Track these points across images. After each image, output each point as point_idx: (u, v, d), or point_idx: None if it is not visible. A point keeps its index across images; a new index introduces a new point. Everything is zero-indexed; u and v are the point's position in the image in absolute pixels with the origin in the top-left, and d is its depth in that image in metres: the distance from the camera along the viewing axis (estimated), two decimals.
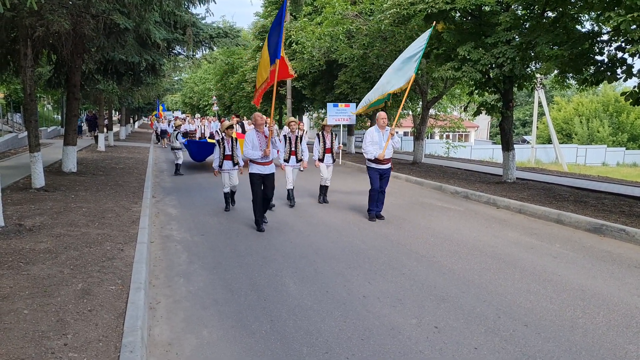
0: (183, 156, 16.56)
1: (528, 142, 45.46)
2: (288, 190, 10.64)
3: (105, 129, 24.46)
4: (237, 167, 10.04)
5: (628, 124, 49.14)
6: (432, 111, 24.64)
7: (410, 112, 28.15)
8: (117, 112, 42.71)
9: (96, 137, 24.13)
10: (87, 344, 3.80)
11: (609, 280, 6.02)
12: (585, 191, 12.47)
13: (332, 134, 10.98)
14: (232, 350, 4.12)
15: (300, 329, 4.49)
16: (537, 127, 42.25)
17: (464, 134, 53.27)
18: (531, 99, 51.35)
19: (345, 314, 4.85)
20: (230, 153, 9.90)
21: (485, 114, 14.08)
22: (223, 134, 10.26)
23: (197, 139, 21.35)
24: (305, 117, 38.66)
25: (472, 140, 53.41)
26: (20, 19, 9.39)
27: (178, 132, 16.83)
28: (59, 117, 39.12)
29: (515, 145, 13.88)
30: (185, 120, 26.50)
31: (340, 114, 19.61)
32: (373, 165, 9.21)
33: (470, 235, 8.18)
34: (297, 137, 10.49)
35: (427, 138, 22.05)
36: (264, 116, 11.50)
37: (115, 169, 15.47)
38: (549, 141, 41.97)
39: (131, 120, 48.32)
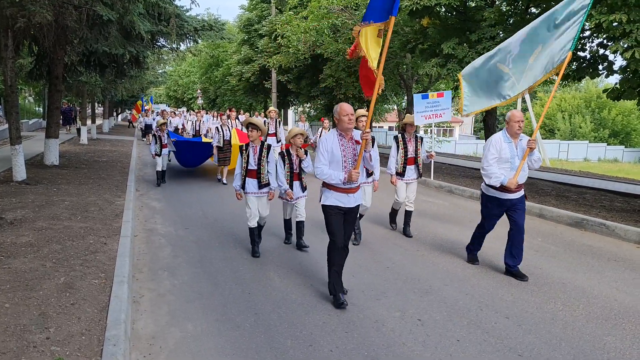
0: (167, 160, 13.03)
1: None
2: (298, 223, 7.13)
3: (80, 122, 24.03)
4: (267, 189, 6.67)
5: (609, 120, 49.77)
6: None
7: (395, 107, 28.27)
8: (99, 105, 42.18)
9: (78, 130, 23.85)
10: (69, 338, 3.78)
11: (589, 273, 6.12)
12: (567, 186, 12.63)
13: (416, 137, 7.80)
14: (217, 343, 4.12)
15: (284, 322, 4.51)
16: None
17: (448, 129, 53.68)
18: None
19: (329, 307, 4.87)
20: (255, 168, 6.54)
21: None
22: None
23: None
24: (290, 111, 38.57)
25: (456, 135, 53.81)
26: (0, 10, 9.23)
27: (159, 134, 12.29)
28: (41, 109, 38.58)
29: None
30: (174, 114, 24.78)
31: (432, 108, 12.86)
32: (495, 193, 5.99)
33: (453, 229, 8.25)
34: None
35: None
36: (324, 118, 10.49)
37: (98, 162, 15.32)
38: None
39: (114, 114, 47.79)
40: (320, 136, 11.98)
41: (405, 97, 21.29)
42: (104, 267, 5.44)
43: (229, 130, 12.56)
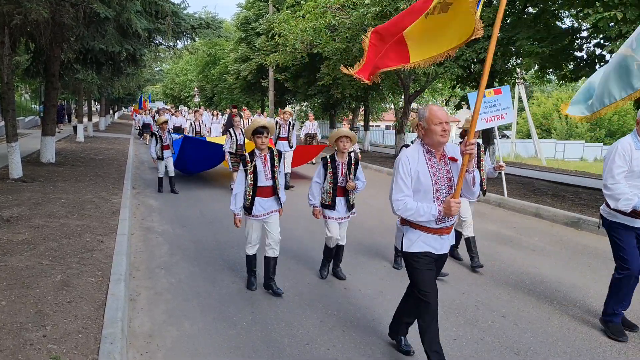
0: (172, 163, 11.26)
1: (508, 137, 45.90)
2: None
3: (76, 119, 23.88)
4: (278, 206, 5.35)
5: (605, 120, 49.87)
6: (414, 105, 24.78)
7: (392, 106, 28.28)
8: (96, 103, 42.07)
9: (75, 128, 23.76)
10: (66, 336, 3.77)
11: (585, 272, 6.15)
12: (564, 186, 12.67)
13: (478, 145, 5.80)
14: (214, 341, 4.12)
15: (281, 321, 4.51)
16: (517, 122, 42.70)
17: None
18: (511, 94, 51.94)
19: (327, 306, 4.87)
20: (271, 184, 5.17)
21: (467, 108, 14.19)
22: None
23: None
24: (288, 109, 38.57)
25: (453, 135, 53.79)
26: None
27: (160, 134, 10.99)
28: (37, 107, 38.45)
29: (495, 139, 14.00)
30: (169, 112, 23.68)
31: (491, 108, 10.52)
32: (624, 219, 4.40)
33: None
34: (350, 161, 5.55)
35: (409, 132, 22.20)
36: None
37: (94, 160, 15.29)
38: (529, 136, 42.45)
39: (111, 111, 47.68)
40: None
41: (402, 96, 21.28)
42: (100, 265, 5.43)
43: (242, 134, 10.81)
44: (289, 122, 11.81)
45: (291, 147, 11.80)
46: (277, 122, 11.69)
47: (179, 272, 5.82)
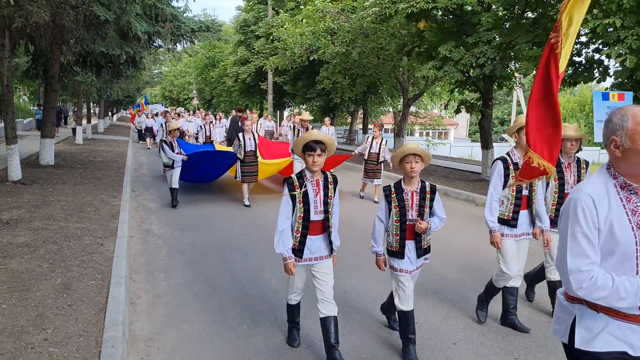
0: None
1: (506, 140, 45.98)
2: None
3: (75, 122, 23.81)
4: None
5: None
6: (412, 108, 24.84)
7: (391, 109, 28.33)
8: (95, 105, 42.06)
9: (74, 130, 23.74)
10: (67, 339, 3.78)
11: None
12: None
13: (578, 161, 4.87)
14: (214, 345, 4.13)
15: (281, 324, 4.52)
16: None
17: (443, 131, 53.82)
18: (510, 98, 51.91)
19: None
20: (322, 217, 3.96)
21: (466, 112, 14.26)
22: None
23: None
24: (286, 112, 38.59)
25: (451, 138, 53.95)
26: None
27: (170, 141, 9.87)
28: (36, 108, 38.44)
29: (494, 143, 14.06)
30: (178, 115, 22.06)
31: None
32: None
33: (449, 232, 8.27)
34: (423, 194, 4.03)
35: (407, 135, 22.27)
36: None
37: (93, 162, 15.28)
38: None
39: (110, 114, 47.68)
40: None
41: (401, 100, 21.33)
42: (100, 268, 5.43)
43: (254, 139, 10.01)
44: (308, 128, 10.57)
45: None
46: (294, 126, 10.84)
47: (179, 275, 5.83)
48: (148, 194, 11.14)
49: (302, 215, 3.85)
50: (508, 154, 4.47)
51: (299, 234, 3.88)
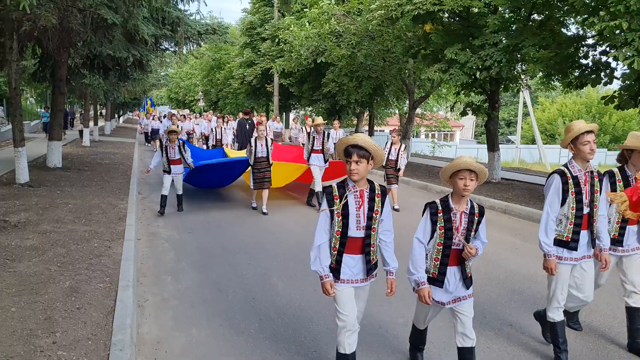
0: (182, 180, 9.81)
1: (513, 142, 45.89)
2: None
3: (82, 124, 23.90)
4: (373, 273, 3.68)
5: (610, 126, 49.79)
6: (418, 110, 24.82)
7: (397, 111, 28.30)
8: (101, 107, 42.25)
9: (81, 132, 23.87)
10: (76, 342, 3.80)
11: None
12: None
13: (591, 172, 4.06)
14: (221, 348, 4.15)
15: (288, 328, 4.53)
16: (521, 127, 42.67)
17: (449, 133, 53.64)
18: (516, 100, 51.84)
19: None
20: (362, 235, 3.47)
21: (472, 114, 14.23)
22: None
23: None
24: (292, 115, 38.65)
25: (457, 140, 53.84)
26: (6, 13, 9.27)
27: (166, 145, 9.45)
28: (42, 111, 38.60)
29: (500, 145, 14.03)
30: (184, 117, 21.13)
31: None
32: None
33: None
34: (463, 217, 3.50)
35: (413, 137, 22.27)
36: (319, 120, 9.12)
37: (100, 164, 15.35)
38: (533, 141, 42.36)
39: (116, 116, 47.88)
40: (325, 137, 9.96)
41: (407, 102, 21.33)
42: (108, 271, 5.46)
43: (266, 146, 9.61)
44: (323, 132, 10.31)
45: (326, 162, 10.36)
46: (309, 133, 10.35)
47: (186, 279, 5.85)
48: (154, 196, 11.16)
49: (340, 230, 3.39)
50: (566, 165, 3.97)
51: (335, 252, 3.44)
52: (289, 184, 11.57)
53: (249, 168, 9.84)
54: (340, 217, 3.37)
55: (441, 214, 3.46)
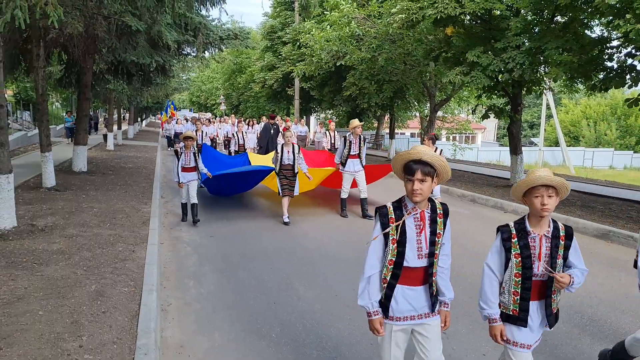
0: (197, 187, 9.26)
1: (535, 145, 45.36)
2: None
3: (106, 128, 24.29)
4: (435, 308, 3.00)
5: (636, 127, 48.91)
6: (439, 113, 24.68)
7: (418, 114, 28.19)
8: (125, 111, 42.91)
9: (105, 136, 24.27)
10: (102, 346, 3.88)
11: (616, 287, 6.05)
12: (593, 196, 12.46)
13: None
14: (243, 353, 4.19)
15: (310, 333, 4.56)
16: (544, 129, 42.16)
17: (470, 135, 53.27)
18: (539, 102, 51.27)
19: (354, 318, 4.89)
20: (425, 264, 2.89)
21: (494, 117, 14.11)
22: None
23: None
24: (312, 118, 38.73)
25: (479, 142, 53.35)
26: (33, 21, 9.49)
27: (182, 152, 9.11)
28: (65, 116, 39.33)
29: (522, 148, 13.88)
30: (209, 122, 20.99)
31: None
32: None
33: (476, 239, 8.22)
34: None
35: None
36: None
37: (124, 168, 15.59)
38: (557, 144, 41.86)
39: (139, 120, 48.54)
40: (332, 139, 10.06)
41: (428, 105, 21.24)
42: (133, 275, 5.55)
43: (292, 153, 9.17)
44: (360, 137, 9.83)
45: (362, 167, 9.94)
46: (346, 137, 9.83)
47: (208, 283, 5.92)
48: (177, 200, 11.27)
49: (393, 259, 2.83)
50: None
51: (385, 284, 2.88)
52: (310, 191, 11.40)
53: (272, 173, 9.67)
54: (395, 245, 2.82)
55: (515, 239, 2.91)
